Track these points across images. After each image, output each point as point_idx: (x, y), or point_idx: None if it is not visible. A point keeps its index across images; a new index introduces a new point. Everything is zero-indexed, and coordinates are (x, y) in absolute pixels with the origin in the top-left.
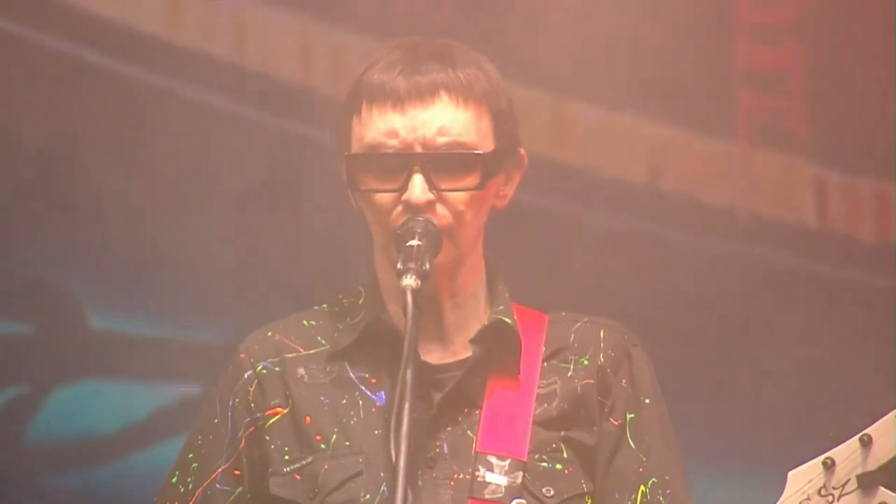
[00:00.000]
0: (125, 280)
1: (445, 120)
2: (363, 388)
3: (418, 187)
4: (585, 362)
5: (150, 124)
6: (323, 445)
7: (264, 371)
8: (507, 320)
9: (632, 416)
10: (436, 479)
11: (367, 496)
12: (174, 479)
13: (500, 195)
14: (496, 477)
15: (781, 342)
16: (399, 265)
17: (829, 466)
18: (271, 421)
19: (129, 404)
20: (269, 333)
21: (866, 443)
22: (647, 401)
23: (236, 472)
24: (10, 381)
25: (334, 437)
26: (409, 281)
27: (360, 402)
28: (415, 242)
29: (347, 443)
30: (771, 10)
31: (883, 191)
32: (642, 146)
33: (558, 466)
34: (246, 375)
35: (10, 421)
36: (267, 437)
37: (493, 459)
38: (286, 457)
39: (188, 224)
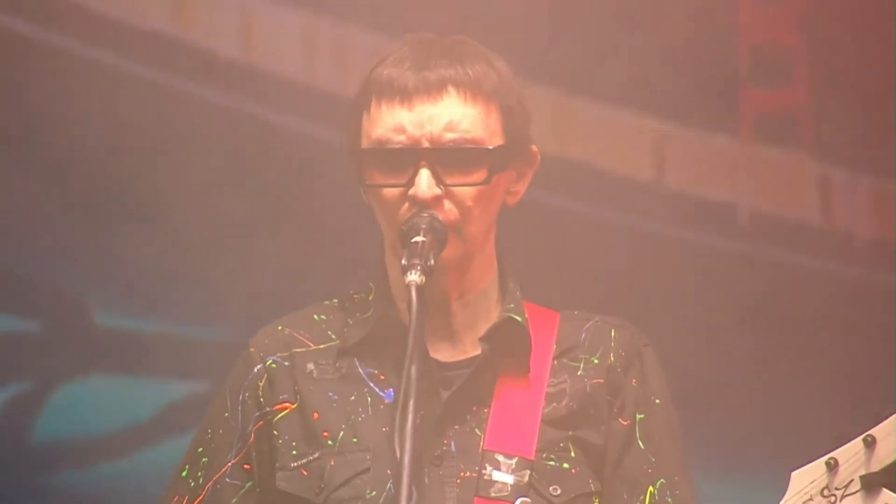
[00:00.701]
0: (131, 277)
1: (453, 115)
2: (372, 384)
3: (424, 182)
4: (596, 361)
5: (155, 122)
6: (330, 441)
7: (273, 365)
8: (518, 318)
9: (641, 416)
10: (442, 477)
11: (374, 493)
12: (184, 473)
13: (511, 192)
14: (503, 475)
15: (784, 340)
16: (403, 261)
17: (832, 467)
18: (279, 415)
19: (135, 402)
20: (280, 327)
21: (870, 444)
22: (657, 401)
23: (246, 467)
24: (15, 378)
25: (342, 433)
26: (413, 277)
27: (369, 399)
28: (419, 238)
29: (355, 439)
30: (775, 7)
31: (884, 189)
32: (646, 143)
33: (565, 465)
34: (256, 369)
35: (15, 418)
36: (275, 432)
37: (500, 458)
38: (293, 452)
39: (192, 221)
